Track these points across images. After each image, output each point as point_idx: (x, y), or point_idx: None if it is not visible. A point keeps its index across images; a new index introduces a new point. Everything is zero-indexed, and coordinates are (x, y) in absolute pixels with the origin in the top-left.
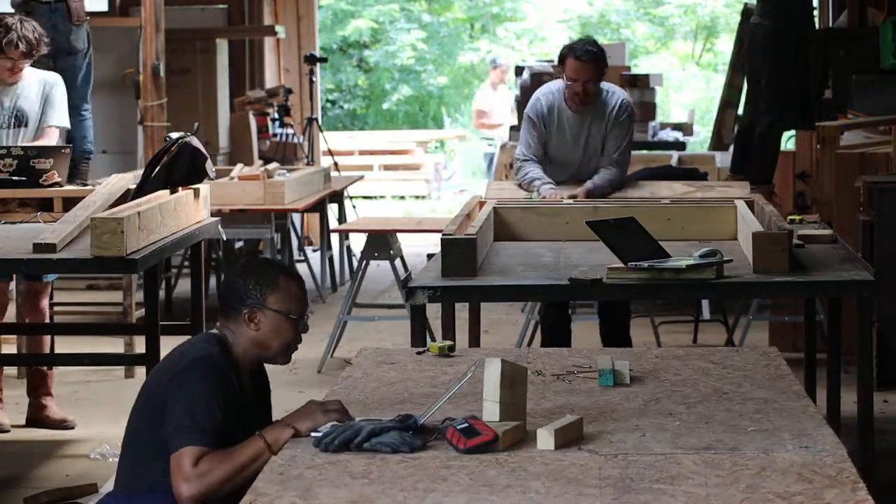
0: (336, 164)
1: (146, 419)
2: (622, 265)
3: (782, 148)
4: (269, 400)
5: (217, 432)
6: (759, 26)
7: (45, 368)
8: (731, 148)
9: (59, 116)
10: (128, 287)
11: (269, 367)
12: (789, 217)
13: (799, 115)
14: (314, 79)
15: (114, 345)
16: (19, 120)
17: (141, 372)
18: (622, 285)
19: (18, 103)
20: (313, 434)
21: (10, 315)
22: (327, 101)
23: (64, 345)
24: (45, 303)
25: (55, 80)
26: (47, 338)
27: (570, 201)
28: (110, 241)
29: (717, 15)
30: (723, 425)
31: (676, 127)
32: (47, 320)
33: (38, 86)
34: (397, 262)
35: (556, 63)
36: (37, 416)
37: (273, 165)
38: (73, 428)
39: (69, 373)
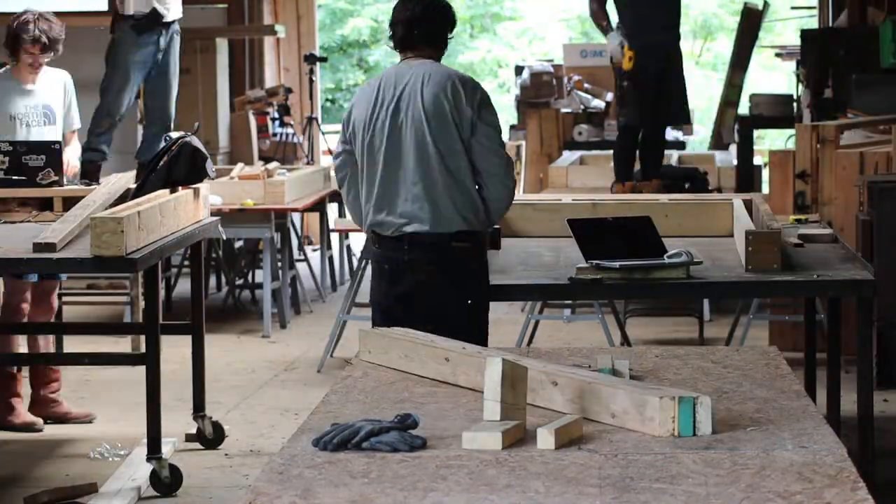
0: None
1: None
2: (592, 265)
3: (783, 147)
4: None
5: None
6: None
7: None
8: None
9: (78, 118)
10: (134, 282)
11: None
12: (794, 218)
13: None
14: (314, 78)
15: (115, 345)
16: (48, 118)
17: (140, 371)
18: (613, 285)
19: (45, 101)
20: None
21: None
22: (327, 100)
23: (64, 344)
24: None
25: (69, 78)
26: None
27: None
28: (110, 240)
29: (713, 14)
30: (723, 425)
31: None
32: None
33: (59, 84)
34: None
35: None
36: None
37: (273, 165)
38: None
39: (69, 372)
